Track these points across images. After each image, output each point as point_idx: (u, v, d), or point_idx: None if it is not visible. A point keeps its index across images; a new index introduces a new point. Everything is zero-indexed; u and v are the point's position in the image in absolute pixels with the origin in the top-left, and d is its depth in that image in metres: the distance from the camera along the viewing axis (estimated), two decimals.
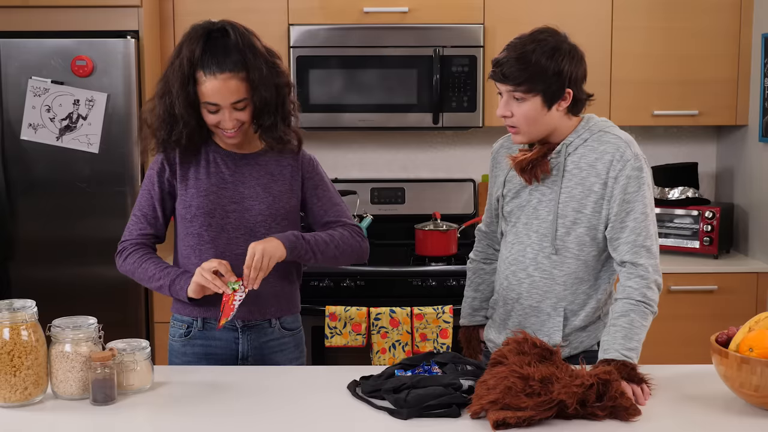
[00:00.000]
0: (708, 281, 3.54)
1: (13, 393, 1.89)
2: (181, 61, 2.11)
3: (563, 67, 2.05)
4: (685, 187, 3.79)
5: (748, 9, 3.69)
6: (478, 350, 2.44)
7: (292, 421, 1.82)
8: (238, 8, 3.55)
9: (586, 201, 2.13)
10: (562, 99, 2.09)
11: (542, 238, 2.18)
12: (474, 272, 2.46)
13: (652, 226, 2.11)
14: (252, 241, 2.18)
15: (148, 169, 2.28)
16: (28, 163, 3.37)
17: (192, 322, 2.26)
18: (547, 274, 2.18)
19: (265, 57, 2.16)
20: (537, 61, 2.04)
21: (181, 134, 2.16)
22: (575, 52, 2.10)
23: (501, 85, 2.10)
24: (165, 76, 2.17)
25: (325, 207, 2.32)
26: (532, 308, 2.22)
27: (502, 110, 2.11)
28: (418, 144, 4.11)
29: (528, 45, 2.06)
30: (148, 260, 2.22)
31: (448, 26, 3.64)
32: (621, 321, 2.02)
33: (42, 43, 3.33)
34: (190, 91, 2.12)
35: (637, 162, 2.10)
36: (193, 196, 2.22)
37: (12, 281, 3.42)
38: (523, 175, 2.16)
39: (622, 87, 3.72)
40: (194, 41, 2.12)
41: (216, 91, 2.10)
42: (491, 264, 2.44)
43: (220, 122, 2.15)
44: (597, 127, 2.17)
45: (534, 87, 2.05)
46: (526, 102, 2.07)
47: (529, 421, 1.75)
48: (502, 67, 2.07)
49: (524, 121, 2.09)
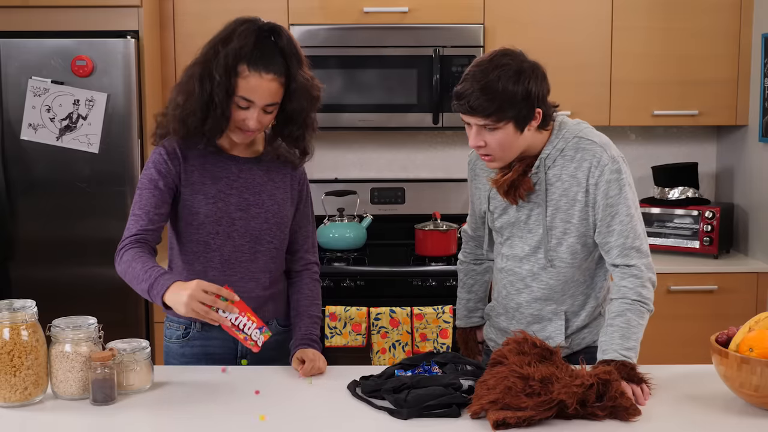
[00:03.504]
0: (708, 281, 3.54)
1: (13, 393, 1.89)
2: (227, 52, 2.06)
3: (530, 89, 2.00)
4: (685, 187, 3.79)
5: (748, 9, 3.69)
6: (476, 351, 2.44)
7: (292, 421, 1.82)
8: (238, 8, 3.52)
9: (572, 211, 2.12)
10: (533, 119, 2.04)
11: (536, 251, 2.17)
12: (465, 274, 2.47)
13: (639, 225, 2.10)
14: (256, 249, 2.20)
15: (145, 168, 2.20)
16: (28, 163, 3.37)
17: (190, 324, 2.26)
18: (545, 285, 2.19)
19: (306, 68, 2.16)
20: (504, 88, 1.97)
21: (216, 125, 2.11)
22: (537, 70, 2.04)
23: (469, 117, 2.04)
24: (204, 62, 2.10)
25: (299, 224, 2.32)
26: (534, 316, 2.22)
27: (474, 141, 2.06)
28: (418, 144, 4.11)
29: (491, 73, 1.99)
30: (138, 259, 2.07)
31: (448, 26, 3.64)
32: (618, 321, 2.02)
33: (42, 43, 3.33)
34: (232, 82, 2.07)
35: (614, 165, 2.08)
36: (201, 203, 2.17)
37: (12, 281, 3.42)
38: (507, 197, 2.13)
39: (622, 87, 3.72)
40: (246, 35, 2.08)
41: (256, 89, 2.08)
42: (482, 264, 2.45)
43: (246, 120, 2.11)
44: (570, 133, 2.13)
45: (504, 115, 2.00)
46: (498, 131, 2.02)
47: (529, 421, 1.75)
48: (468, 99, 2.00)
49: (499, 149, 2.05)
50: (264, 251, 2.23)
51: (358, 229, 3.72)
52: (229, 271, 2.18)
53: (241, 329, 1.99)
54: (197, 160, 2.19)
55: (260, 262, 2.23)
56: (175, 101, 2.13)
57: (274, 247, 2.25)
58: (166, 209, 2.17)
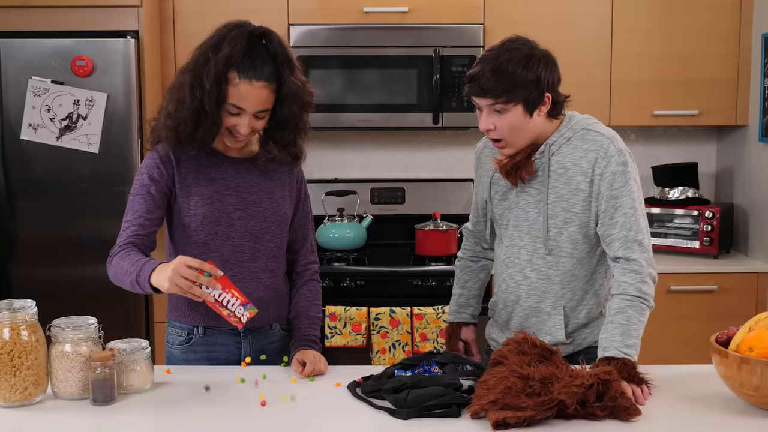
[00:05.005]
0: (708, 281, 3.54)
1: (13, 393, 1.89)
2: (218, 60, 2.05)
3: (540, 73, 2.05)
4: (685, 187, 3.79)
5: (748, 9, 3.69)
6: (456, 348, 2.44)
7: (292, 421, 1.82)
8: (238, 8, 3.55)
9: (574, 200, 2.13)
10: (542, 104, 2.08)
11: (535, 240, 2.18)
12: (461, 269, 2.48)
13: (642, 220, 2.11)
14: (256, 248, 2.20)
15: (138, 173, 2.20)
16: (28, 163, 3.37)
17: (192, 329, 2.25)
18: (543, 275, 2.19)
19: (298, 73, 2.15)
20: (513, 70, 2.03)
21: (208, 133, 2.10)
22: (549, 58, 2.10)
23: (480, 99, 2.07)
24: (194, 69, 2.09)
25: (299, 223, 2.32)
26: (532, 309, 2.22)
27: (484, 124, 2.09)
28: (418, 144, 4.11)
29: (501, 56, 2.04)
30: (126, 257, 2.05)
31: (448, 26, 3.64)
32: (618, 318, 2.03)
33: (42, 43, 3.33)
34: (222, 90, 2.07)
35: (621, 157, 2.10)
36: (198, 204, 2.17)
37: (12, 281, 3.42)
38: (509, 178, 2.15)
39: (622, 87, 3.72)
40: (236, 41, 2.07)
41: (247, 96, 2.07)
42: (478, 262, 2.46)
43: (237, 126, 2.10)
44: (579, 125, 2.16)
45: (514, 96, 2.04)
46: (508, 113, 2.06)
47: (529, 421, 1.75)
48: (479, 81, 2.04)
49: (509, 132, 2.08)
50: (264, 250, 2.23)
51: (358, 229, 3.72)
52: (229, 272, 2.18)
53: (225, 305, 1.97)
54: (191, 162, 2.18)
55: (261, 262, 2.23)
56: (166, 109, 2.13)
57: (275, 245, 2.25)
58: (159, 214, 2.16)
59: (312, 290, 2.35)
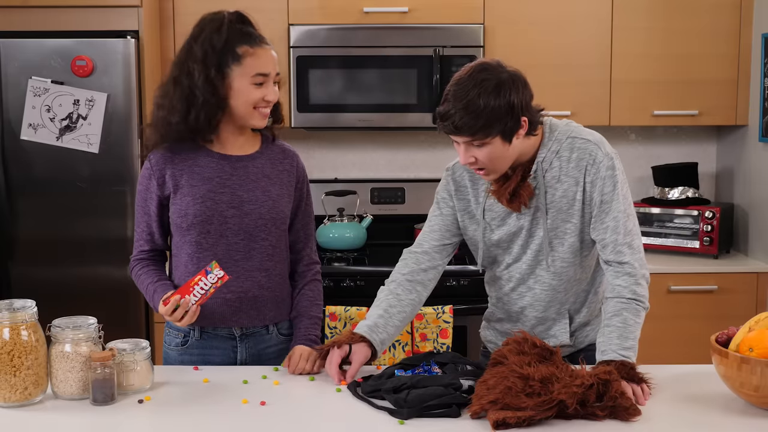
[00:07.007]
0: (708, 281, 3.54)
1: (13, 393, 1.89)
2: (205, 44, 2.12)
3: (512, 100, 1.98)
4: (685, 187, 3.79)
5: (748, 9, 3.69)
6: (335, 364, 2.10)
7: (292, 421, 1.82)
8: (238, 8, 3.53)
9: (572, 210, 2.12)
10: (520, 128, 2.03)
11: (537, 254, 2.17)
12: (387, 294, 2.25)
13: (632, 222, 2.10)
14: (251, 246, 2.20)
15: (138, 183, 2.25)
16: (28, 163, 3.37)
17: (189, 332, 2.25)
18: (547, 286, 2.18)
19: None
20: (486, 104, 1.96)
21: (200, 114, 2.13)
22: (517, 79, 2.02)
23: (456, 137, 2.03)
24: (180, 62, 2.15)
25: (302, 223, 2.34)
26: (538, 318, 2.22)
27: (464, 158, 2.04)
28: (417, 144, 4.11)
29: (471, 91, 1.97)
30: (141, 275, 2.26)
31: (448, 26, 3.64)
32: (615, 321, 2.02)
33: (42, 43, 3.33)
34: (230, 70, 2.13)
35: (609, 161, 2.09)
36: (189, 204, 2.18)
37: (12, 281, 3.42)
38: (511, 205, 2.12)
39: (622, 87, 3.72)
40: (226, 24, 2.15)
41: (267, 59, 2.16)
42: (411, 293, 2.24)
43: (267, 95, 2.16)
44: (563, 134, 2.12)
45: (491, 131, 1.98)
46: (486, 146, 2.01)
47: (529, 421, 1.75)
48: (452, 120, 1.98)
49: (490, 162, 2.04)
50: (259, 248, 2.22)
51: (358, 229, 3.72)
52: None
53: (204, 289, 2.06)
54: (185, 163, 2.20)
55: (255, 260, 2.22)
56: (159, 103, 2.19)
57: (270, 244, 2.24)
58: (163, 224, 2.27)
59: (314, 290, 2.35)
